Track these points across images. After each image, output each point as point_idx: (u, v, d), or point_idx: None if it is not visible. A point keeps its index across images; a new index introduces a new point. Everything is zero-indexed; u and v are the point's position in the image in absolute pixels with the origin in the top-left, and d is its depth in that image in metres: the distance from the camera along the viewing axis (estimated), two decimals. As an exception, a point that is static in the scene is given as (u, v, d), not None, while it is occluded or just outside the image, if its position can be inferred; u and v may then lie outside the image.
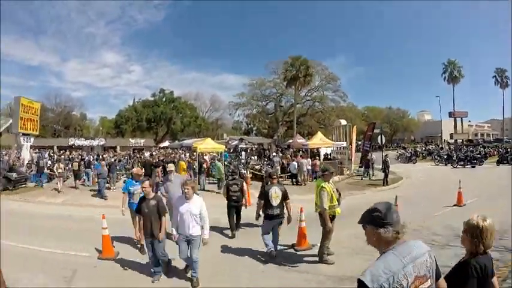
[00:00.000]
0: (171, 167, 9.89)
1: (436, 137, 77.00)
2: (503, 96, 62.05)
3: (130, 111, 66.34)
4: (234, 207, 10.01)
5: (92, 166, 20.65)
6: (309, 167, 21.45)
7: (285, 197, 7.86)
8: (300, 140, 30.29)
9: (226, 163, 22.99)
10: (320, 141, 25.99)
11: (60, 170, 19.17)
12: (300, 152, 26.18)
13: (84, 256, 8.14)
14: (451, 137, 56.69)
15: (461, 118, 60.30)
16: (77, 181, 20.14)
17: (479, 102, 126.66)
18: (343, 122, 29.65)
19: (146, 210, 6.52)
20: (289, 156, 25.43)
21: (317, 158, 23.87)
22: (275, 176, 8.42)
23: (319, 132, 27.74)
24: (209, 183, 20.63)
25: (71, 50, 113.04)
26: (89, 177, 20.33)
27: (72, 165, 21.35)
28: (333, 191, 7.41)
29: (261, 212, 8.02)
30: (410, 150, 46.79)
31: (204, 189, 18.30)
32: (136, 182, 8.68)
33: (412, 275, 2.08)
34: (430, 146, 58.31)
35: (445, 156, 34.79)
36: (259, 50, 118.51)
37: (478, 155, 33.44)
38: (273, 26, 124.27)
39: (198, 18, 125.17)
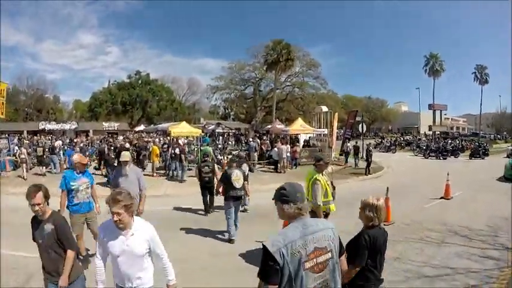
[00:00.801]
0: (125, 156, 7.14)
1: (413, 128, 78.09)
2: (481, 93, 66.81)
3: (105, 94, 63.78)
4: (207, 188, 10.57)
5: (57, 151, 19.24)
6: (288, 154, 20.59)
7: (245, 178, 8.43)
8: (280, 125, 29.55)
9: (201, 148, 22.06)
10: (300, 128, 25.20)
11: (22, 156, 17.75)
12: (279, 138, 25.30)
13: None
14: (430, 129, 56.88)
15: (441, 111, 60.57)
16: (43, 168, 18.66)
17: (456, 97, 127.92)
18: (325, 108, 28.96)
19: (40, 240, 3.69)
20: (267, 142, 24.43)
21: (297, 144, 23.00)
22: (236, 160, 9.11)
23: (299, 118, 26.92)
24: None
25: (47, 31, 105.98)
26: (55, 165, 18.89)
27: (36, 150, 19.80)
28: (327, 184, 6.46)
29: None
30: (389, 140, 46.88)
31: (174, 177, 17.26)
32: (79, 174, 6.50)
33: (311, 245, 2.31)
34: (408, 136, 58.73)
35: (424, 147, 34.99)
36: (240, 34, 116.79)
37: (455, 148, 34.46)
38: (255, 10, 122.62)
39: (178, 0, 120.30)
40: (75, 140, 29.05)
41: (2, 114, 23.84)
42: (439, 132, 54.79)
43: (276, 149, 20.08)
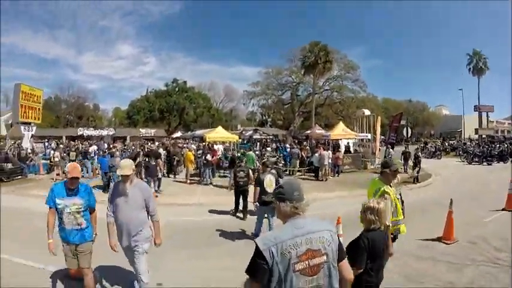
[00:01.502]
0: (125, 167, 4.64)
1: (456, 132, 73.95)
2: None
3: (143, 102, 65.11)
4: (241, 191, 10.59)
5: (90, 156, 18.87)
6: (330, 161, 19.15)
7: (278, 183, 7.98)
8: (319, 130, 28.21)
9: (238, 154, 21.07)
10: (342, 132, 23.72)
11: (56, 159, 17.89)
12: (320, 143, 23.98)
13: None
14: (476, 132, 53.26)
15: (487, 113, 56.86)
16: None
17: (497, 98, 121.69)
18: (367, 112, 27.37)
19: None
20: (308, 148, 23.09)
21: (339, 150, 21.58)
22: (268, 164, 9.26)
23: (340, 123, 25.31)
24: (219, 175, 18.83)
25: (86, 43, 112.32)
26: (88, 169, 18.52)
27: (69, 154, 19.59)
28: (397, 199, 5.09)
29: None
30: (433, 145, 44.25)
31: (211, 184, 16.39)
32: (70, 191, 4.64)
33: (303, 246, 2.26)
34: (452, 141, 55.33)
35: (471, 152, 31.91)
36: (274, 41, 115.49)
37: (504, 153, 31.20)
38: (289, 16, 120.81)
39: (212, 9, 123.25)
40: (112, 145, 28.75)
41: (39, 119, 24.15)
42: (484, 136, 51.30)
43: (317, 155, 18.69)
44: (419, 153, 19.90)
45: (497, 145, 38.25)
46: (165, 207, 11.75)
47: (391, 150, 22.63)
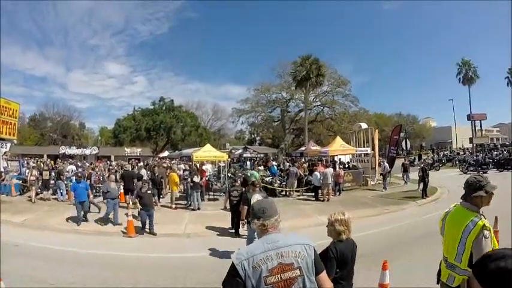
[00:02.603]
0: None
1: (446, 143, 73.33)
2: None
3: (129, 120, 63.04)
4: (235, 210, 10.27)
5: (65, 177, 16.98)
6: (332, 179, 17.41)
7: None
8: (314, 147, 26.56)
9: (229, 174, 19.25)
10: (340, 148, 22.11)
11: (32, 178, 16.44)
12: (318, 161, 22.29)
13: None
14: (471, 141, 52.22)
15: (480, 121, 56.04)
16: (46, 193, 16.96)
17: (484, 106, 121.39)
18: (364, 125, 25.88)
19: None
20: (305, 165, 21.28)
21: (340, 167, 19.95)
22: (257, 184, 9.25)
23: (338, 138, 23.66)
24: (209, 199, 17.01)
25: (76, 61, 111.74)
26: (62, 192, 16.53)
27: (42, 174, 17.61)
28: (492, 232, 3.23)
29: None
30: (430, 157, 43.05)
31: (199, 209, 14.44)
32: None
33: (274, 260, 2.30)
34: (444, 152, 54.17)
35: (473, 162, 30.98)
36: (262, 60, 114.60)
37: (503, 160, 30.78)
38: (277, 35, 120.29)
39: (201, 30, 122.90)
40: (94, 165, 26.72)
41: (13, 135, 22.29)
42: (479, 145, 50.18)
43: (317, 173, 16.94)
44: (426, 167, 18.43)
45: (494, 152, 37.41)
46: (149, 239, 10.11)
47: (386, 164, 21.14)
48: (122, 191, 14.99)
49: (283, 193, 18.15)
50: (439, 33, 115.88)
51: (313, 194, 17.65)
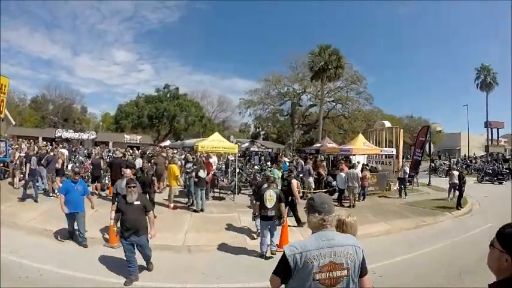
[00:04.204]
0: None
1: (455, 150, 70.85)
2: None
3: (131, 106, 60.65)
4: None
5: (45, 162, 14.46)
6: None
7: (280, 200, 8.02)
8: (331, 144, 23.98)
9: (239, 170, 16.73)
10: (364, 147, 19.49)
11: (17, 162, 15.08)
12: (342, 160, 19.68)
13: None
14: (486, 150, 49.78)
15: (497, 129, 53.60)
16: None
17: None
18: (387, 123, 23.42)
19: None
20: (324, 164, 18.53)
21: (366, 168, 17.39)
22: (272, 181, 8.58)
23: (360, 135, 20.99)
24: (214, 197, 14.58)
25: (83, 46, 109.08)
26: (43, 179, 13.82)
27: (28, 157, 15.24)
28: None
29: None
30: (447, 163, 40.48)
31: (202, 210, 11.93)
32: None
33: (326, 258, 2.35)
34: (452, 158, 51.57)
35: (490, 171, 28.93)
36: (270, 55, 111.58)
37: None
38: (286, 32, 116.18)
39: (210, 20, 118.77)
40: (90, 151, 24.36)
41: (1, 112, 19.71)
42: (483, 154, 48.53)
43: (342, 174, 14.46)
44: (463, 174, 16.17)
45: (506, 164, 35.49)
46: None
47: (406, 168, 18.53)
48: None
49: (300, 195, 15.67)
50: (455, 36, 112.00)
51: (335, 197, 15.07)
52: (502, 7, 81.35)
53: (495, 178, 26.97)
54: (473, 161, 44.27)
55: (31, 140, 35.19)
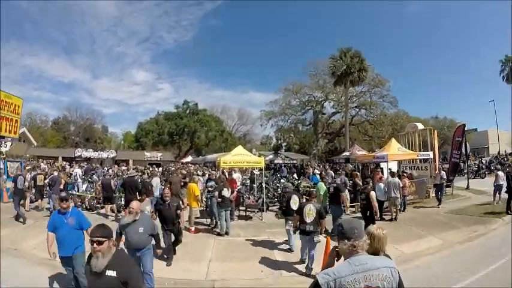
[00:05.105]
0: None
1: (483, 149, 67.92)
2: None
3: (152, 124, 61.17)
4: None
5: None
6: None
7: (320, 215, 7.80)
8: (361, 151, 22.55)
9: (266, 185, 15.50)
10: (398, 152, 18.01)
11: (26, 183, 13.68)
12: (377, 168, 18.14)
13: None
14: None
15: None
16: (40, 201, 14.71)
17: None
18: (420, 125, 21.91)
19: None
20: (357, 173, 17.04)
21: (404, 175, 15.88)
22: (314, 196, 8.52)
23: (393, 140, 19.40)
24: (239, 216, 13.40)
25: (102, 68, 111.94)
26: (53, 202, 12.98)
27: (35, 179, 14.86)
28: None
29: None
30: (476, 164, 38.30)
31: (227, 234, 10.62)
32: None
33: (361, 283, 2.27)
34: (483, 158, 48.89)
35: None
36: (286, 68, 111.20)
37: None
38: (302, 43, 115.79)
39: (224, 37, 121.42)
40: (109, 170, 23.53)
41: (15, 133, 19.88)
42: None
43: (381, 184, 13.05)
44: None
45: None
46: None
47: (443, 172, 16.93)
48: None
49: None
50: (472, 33, 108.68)
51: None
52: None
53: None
54: (506, 159, 41.95)
55: (50, 160, 35.08)
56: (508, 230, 10.97)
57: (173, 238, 8.25)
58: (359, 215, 12.38)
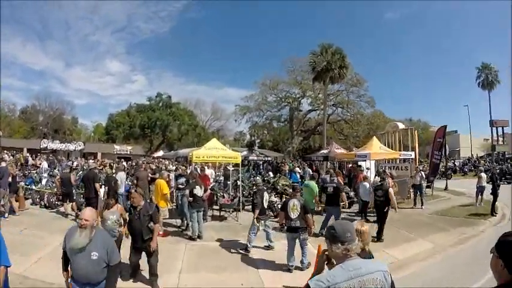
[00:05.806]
0: None
1: (454, 152, 69.52)
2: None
3: (123, 116, 59.16)
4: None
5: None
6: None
7: (305, 210, 7.52)
8: (339, 149, 21.75)
9: (242, 182, 14.39)
10: (381, 151, 17.39)
11: None
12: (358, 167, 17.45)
13: None
14: (493, 149, 48.01)
15: (502, 128, 52.26)
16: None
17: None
18: (401, 125, 21.46)
19: None
20: (340, 172, 16.26)
21: (387, 174, 15.10)
22: (298, 190, 8.27)
23: (374, 139, 18.80)
24: (213, 216, 12.32)
25: (76, 57, 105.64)
26: (4, 205, 11.38)
27: None
28: None
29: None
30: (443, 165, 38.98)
31: (199, 237, 9.41)
32: None
33: None
34: (454, 160, 49.87)
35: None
36: (263, 65, 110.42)
37: None
38: (279, 41, 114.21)
39: (203, 31, 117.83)
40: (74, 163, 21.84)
41: None
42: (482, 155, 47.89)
43: (366, 183, 12.23)
44: (497, 175, 15.29)
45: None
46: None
47: (421, 173, 16.81)
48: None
49: (319, 209, 13.27)
50: (449, 37, 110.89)
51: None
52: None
53: (503, 178, 25.99)
54: (477, 162, 42.68)
55: (14, 152, 33.06)
56: (496, 232, 10.34)
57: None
58: (343, 216, 11.70)
